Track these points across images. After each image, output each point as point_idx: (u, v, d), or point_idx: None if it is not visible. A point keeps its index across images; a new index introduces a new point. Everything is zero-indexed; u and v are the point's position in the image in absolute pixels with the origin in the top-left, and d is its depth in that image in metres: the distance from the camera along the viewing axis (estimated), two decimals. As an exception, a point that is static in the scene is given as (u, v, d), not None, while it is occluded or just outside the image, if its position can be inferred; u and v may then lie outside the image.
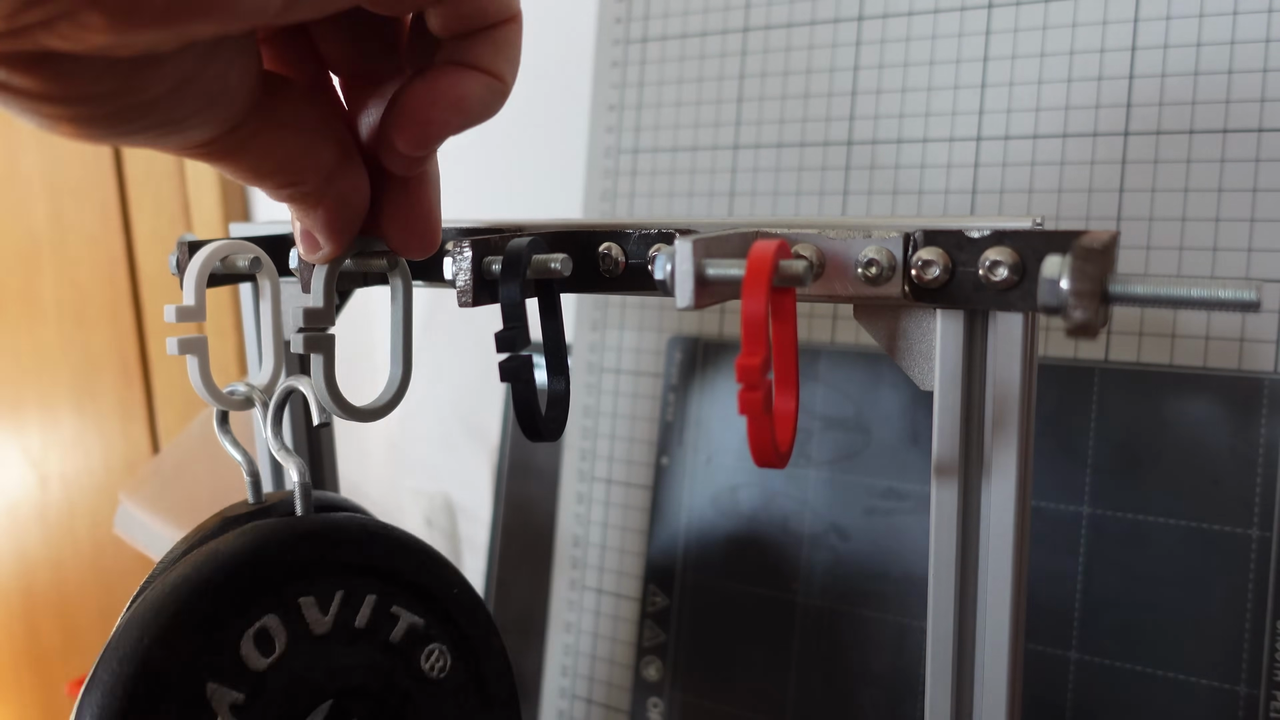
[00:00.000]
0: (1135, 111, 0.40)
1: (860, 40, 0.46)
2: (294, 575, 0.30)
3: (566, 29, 0.62)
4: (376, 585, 0.32)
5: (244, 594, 0.29)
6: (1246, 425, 0.38)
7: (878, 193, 0.45)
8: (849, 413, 0.46)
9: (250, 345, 0.42)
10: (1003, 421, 0.27)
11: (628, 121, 0.52)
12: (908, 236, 0.26)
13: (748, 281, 0.23)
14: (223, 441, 0.35)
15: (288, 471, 0.32)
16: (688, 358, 0.51)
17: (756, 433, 0.24)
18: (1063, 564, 0.41)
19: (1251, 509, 0.37)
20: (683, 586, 0.50)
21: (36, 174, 1.00)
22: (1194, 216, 0.39)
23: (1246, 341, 0.38)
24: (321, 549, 0.31)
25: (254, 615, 0.29)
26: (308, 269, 0.31)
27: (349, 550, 0.31)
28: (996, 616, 0.28)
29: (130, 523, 0.64)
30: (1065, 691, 0.40)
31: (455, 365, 0.71)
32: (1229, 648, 0.38)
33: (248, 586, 0.29)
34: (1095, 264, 0.22)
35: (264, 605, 0.29)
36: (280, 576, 0.30)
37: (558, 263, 0.30)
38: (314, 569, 0.30)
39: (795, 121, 0.47)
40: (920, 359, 0.28)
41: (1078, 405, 0.41)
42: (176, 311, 0.31)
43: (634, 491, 0.52)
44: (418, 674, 0.32)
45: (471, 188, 0.69)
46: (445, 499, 0.74)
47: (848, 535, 0.45)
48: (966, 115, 0.43)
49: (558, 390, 0.32)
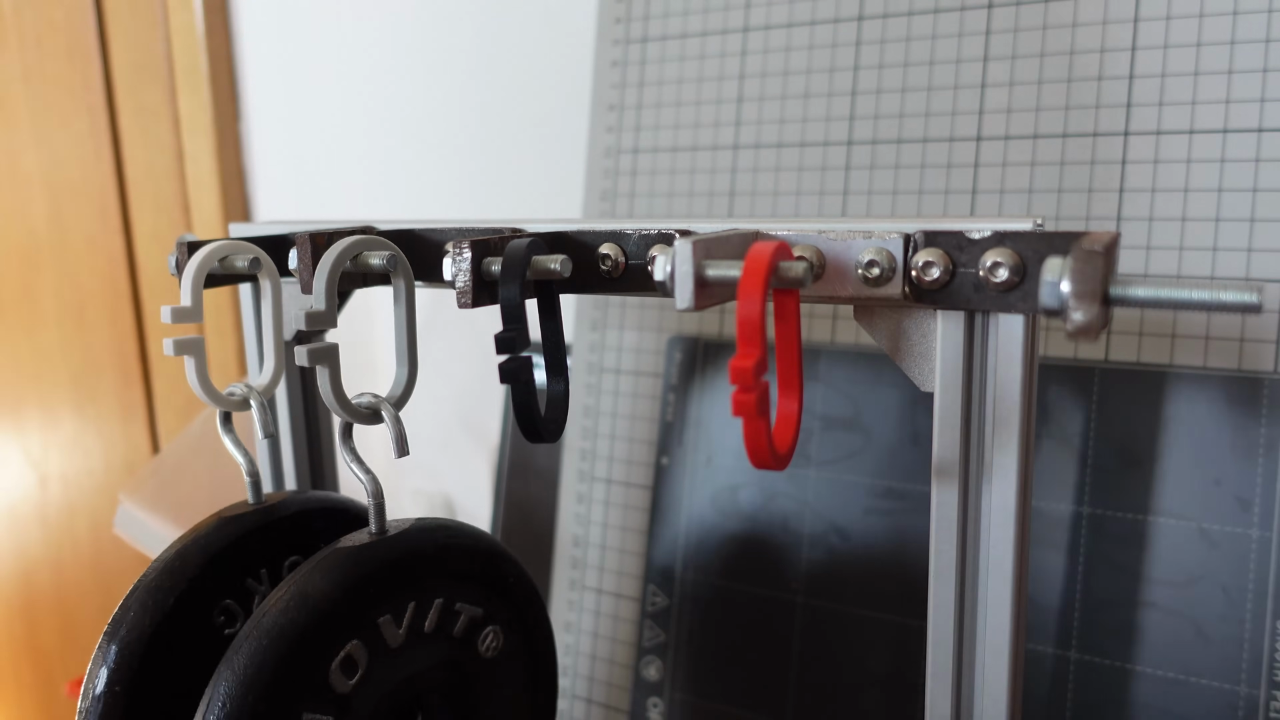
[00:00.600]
0: (1135, 111, 0.40)
1: (860, 40, 0.46)
2: (379, 603, 0.31)
3: (566, 29, 0.62)
4: (445, 590, 0.33)
5: (335, 634, 0.30)
6: (1246, 425, 0.38)
7: (878, 193, 0.45)
8: (849, 413, 0.46)
9: (250, 346, 0.42)
10: (1003, 423, 0.27)
11: (628, 121, 0.52)
12: (908, 238, 0.26)
13: (744, 283, 0.23)
14: (225, 441, 0.35)
15: (365, 487, 0.32)
16: (688, 358, 0.51)
17: (752, 435, 0.24)
18: (1063, 564, 0.41)
19: (1251, 509, 0.37)
20: (683, 586, 0.50)
21: (36, 174, 0.99)
22: (1194, 216, 0.39)
23: (1246, 341, 0.38)
24: (401, 573, 0.31)
25: (341, 644, 0.30)
26: (307, 270, 0.31)
27: (426, 567, 0.32)
28: (996, 616, 0.28)
29: (130, 523, 0.64)
30: (1065, 691, 0.40)
31: (455, 365, 0.71)
32: (1229, 648, 0.38)
33: (339, 627, 0.30)
34: (1096, 266, 0.22)
35: (349, 634, 0.30)
36: (366, 606, 0.30)
37: (557, 264, 0.30)
38: (396, 593, 0.31)
39: (795, 121, 0.47)
40: (920, 360, 0.28)
41: (1078, 405, 0.41)
42: (173, 312, 0.31)
43: (634, 491, 0.52)
44: (475, 655, 0.34)
45: (472, 188, 0.69)
46: (445, 499, 0.74)
47: (848, 535, 0.45)
48: (966, 115, 0.43)
49: (557, 391, 0.32)
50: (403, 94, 0.71)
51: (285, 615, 0.29)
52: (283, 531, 0.35)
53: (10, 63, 0.98)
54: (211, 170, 0.84)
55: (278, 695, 0.28)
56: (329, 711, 0.29)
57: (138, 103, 0.90)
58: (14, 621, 1.16)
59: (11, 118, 0.99)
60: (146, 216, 0.93)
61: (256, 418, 0.35)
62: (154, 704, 0.32)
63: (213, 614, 0.33)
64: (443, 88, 0.69)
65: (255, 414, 0.35)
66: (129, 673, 0.31)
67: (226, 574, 0.34)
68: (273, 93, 0.81)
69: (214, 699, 0.28)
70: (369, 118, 0.74)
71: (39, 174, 0.99)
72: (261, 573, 0.35)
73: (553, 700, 0.37)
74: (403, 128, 0.72)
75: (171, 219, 0.90)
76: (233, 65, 0.82)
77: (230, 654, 0.28)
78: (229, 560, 0.34)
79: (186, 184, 0.87)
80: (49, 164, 0.98)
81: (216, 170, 0.83)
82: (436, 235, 0.35)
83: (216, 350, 0.88)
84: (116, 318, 0.98)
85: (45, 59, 0.96)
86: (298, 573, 0.30)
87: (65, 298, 1.01)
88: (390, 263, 0.32)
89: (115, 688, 0.31)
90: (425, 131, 0.71)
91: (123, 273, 0.96)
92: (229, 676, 0.28)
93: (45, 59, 0.96)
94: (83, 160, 0.95)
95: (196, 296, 0.32)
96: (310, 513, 0.36)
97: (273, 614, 0.29)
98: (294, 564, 0.36)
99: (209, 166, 0.84)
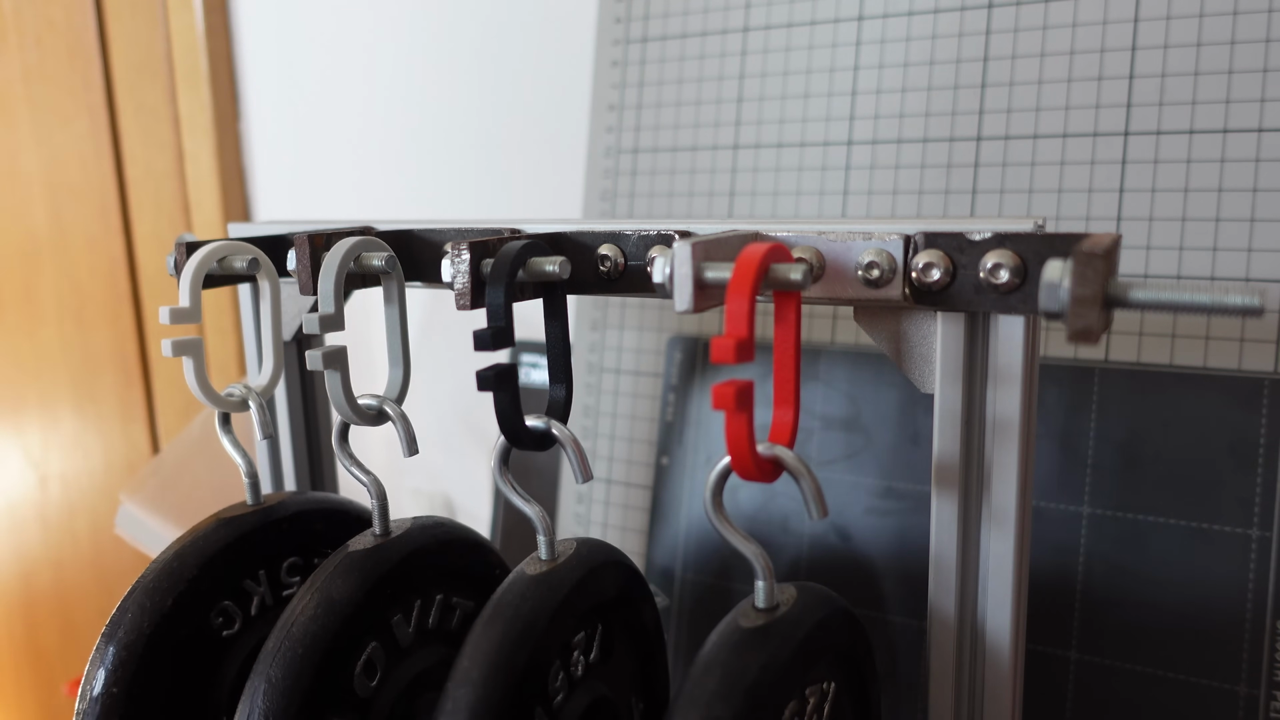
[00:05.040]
0: (1135, 111, 0.40)
1: (860, 40, 0.46)
2: (393, 602, 0.31)
3: (566, 29, 0.62)
4: (444, 586, 0.33)
5: (358, 637, 0.30)
6: (1246, 425, 0.38)
7: (878, 193, 0.45)
8: (849, 413, 0.45)
9: (249, 346, 0.42)
10: (1003, 424, 0.27)
11: (628, 121, 0.52)
12: (908, 239, 0.26)
13: (733, 284, 0.23)
14: (224, 442, 0.35)
15: (368, 489, 0.32)
16: (688, 358, 0.51)
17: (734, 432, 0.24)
18: (1063, 564, 0.41)
19: (1251, 509, 0.37)
20: (683, 586, 0.50)
21: (36, 174, 0.99)
22: (1194, 216, 0.39)
23: (1246, 341, 0.38)
24: (411, 572, 0.31)
25: (363, 647, 0.30)
26: (306, 270, 0.31)
27: (429, 564, 0.32)
28: (996, 616, 0.28)
29: (131, 523, 0.64)
30: (1065, 691, 0.40)
31: (455, 365, 0.71)
32: (1229, 648, 0.38)
33: (362, 629, 0.30)
34: (1097, 270, 0.22)
35: (370, 636, 0.30)
36: (383, 606, 0.31)
37: (555, 265, 0.30)
38: (408, 592, 0.31)
39: (795, 121, 0.47)
40: (921, 362, 0.28)
41: (1078, 405, 0.41)
42: (171, 313, 0.31)
43: (634, 491, 0.52)
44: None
45: (471, 188, 0.69)
46: (445, 499, 0.74)
47: (848, 535, 0.45)
48: (966, 115, 0.43)
49: (558, 396, 0.31)
50: (402, 94, 0.71)
51: (315, 622, 0.29)
52: (282, 533, 0.35)
53: (10, 63, 0.98)
54: (211, 170, 0.84)
55: (313, 704, 0.28)
56: (351, 716, 0.30)
57: (138, 103, 0.90)
58: (14, 621, 1.16)
59: (11, 118, 0.99)
60: (146, 216, 0.93)
61: (255, 419, 0.35)
62: (152, 705, 0.32)
63: (211, 615, 0.33)
64: (443, 87, 0.69)
65: (254, 415, 0.35)
66: (127, 674, 0.31)
67: (225, 576, 0.34)
68: (273, 93, 0.81)
69: (253, 712, 0.28)
70: (369, 118, 0.74)
71: (39, 174, 0.99)
72: (260, 574, 0.35)
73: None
74: (402, 128, 0.72)
75: (171, 219, 0.90)
76: (233, 65, 0.82)
77: (262, 665, 0.28)
78: (227, 562, 0.34)
79: (186, 184, 0.87)
80: (49, 164, 0.98)
81: (216, 170, 0.83)
82: (435, 236, 0.35)
83: (216, 350, 0.88)
84: (116, 318, 0.98)
85: (45, 59, 0.95)
86: (316, 579, 0.30)
87: (65, 298, 1.01)
88: (389, 264, 0.32)
89: (113, 689, 0.31)
90: (425, 131, 0.71)
91: (123, 273, 0.96)
92: (266, 690, 0.28)
93: (45, 59, 0.95)
94: (83, 160, 0.95)
95: (195, 297, 0.32)
96: (309, 514, 0.36)
97: (301, 621, 0.29)
98: (293, 565, 0.36)
99: (209, 166, 0.84)
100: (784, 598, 0.27)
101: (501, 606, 0.28)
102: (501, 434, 0.30)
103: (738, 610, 0.27)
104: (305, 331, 0.30)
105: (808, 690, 0.27)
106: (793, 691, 0.26)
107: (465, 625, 0.33)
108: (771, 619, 0.26)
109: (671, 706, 0.24)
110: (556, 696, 0.29)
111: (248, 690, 0.28)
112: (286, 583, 0.36)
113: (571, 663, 0.29)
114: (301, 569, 0.36)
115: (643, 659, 0.34)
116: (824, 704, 0.28)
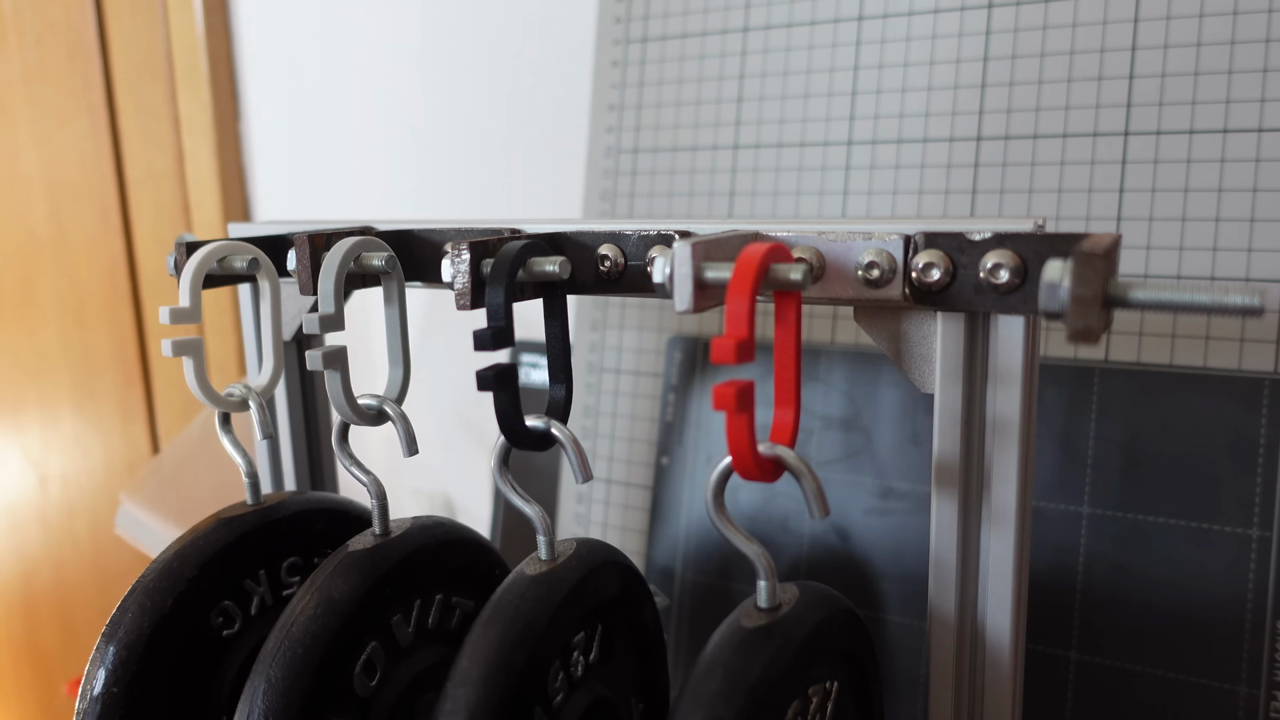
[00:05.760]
0: (1135, 111, 0.40)
1: (860, 40, 0.46)
2: (393, 602, 0.31)
3: (566, 29, 0.62)
4: (443, 586, 0.33)
5: (358, 636, 0.30)
6: (1246, 425, 0.38)
7: (878, 193, 0.45)
8: (849, 413, 0.45)
9: (249, 346, 0.42)
10: (1003, 424, 0.27)
11: (628, 121, 0.52)
12: (908, 239, 0.26)
13: (733, 284, 0.23)
14: (224, 442, 0.35)
15: (368, 489, 0.32)
16: (688, 358, 0.51)
17: (735, 432, 0.24)
18: (1063, 564, 0.41)
19: (1251, 509, 0.37)
20: (683, 586, 0.50)
21: (36, 174, 0.99)
22: (1194, 216, 0.39)
23: (1246, 341, 0.38)
24: (411, 572, 0.31)
25: (363, 647, 0.30)
26: (306, 270, 0.31)
27: (429, 564, 0.32)
28: (996, 616, 0.28)
29: (130, 523, 0.64)
30: (1065, 691, 0.40)
31: (455, 365, 0.71)
32: (1229, 648, 0.38)
33: (362, 629, 0.30)
34: (1097, 270, 0.22)
35: (369, 636, 0.30)
36: (383, 606, 0.31)
37: (556, 265, 0.30)
38: (408, 592, 0.31)
39: (795, 121, 0.47)
40: (921, 362, 0.28)
41: (1078, 405, 0.41)
42: (171, 313, 0.31)
43: (634, 491, 0.52)
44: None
45: (471, 188, 0.69)
46: (445, 499, 0.74)
47: (848, 535, 0.45)
48: (966, 115, 0.43)
49: (558, 396, 0.31)
50: (403, 94, 0.71)
51: (315, 622, 0.29)
52: (281, 533, 0.35)
53: (10, 63, 0.98)
54: (211, 170, 0.84)
55: (314, 703, 0.28)
56: (351, 716, 0.30)
57: (138, 103, 0.90)
58: (14, 621, 1.16)
59: (11, 118, 0.99)
60: (146, 216, 0.93)
61: (255, 419, 0.35)
62: (152, 705, 0.32)
63: (211, 615, 0.33)
64: (443, 87, 0.69)
65: (254, 415, 0.35)
66: (127, 674, 0.31)
67: (224, 575, 0.34)
68: (273, 93, 0.81)
69: (253, 712, 0.28)
70: (369, 118, 0.74)
71: (39, 174, 0.99)
72: (260, 574, 0.35)
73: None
74: (403, 128, 0.72)
75: (171, 219, 0.90)
76: (233, 65, 0.82)
77: (262, 665, 0.28)
78: (227, 562, 0.34)
79: (186, 184, 0.87)
80: (49, 164, 0.98)
81: (216, 170, 0.83)
82: (435, 236, 0.35)
83: (216, 350, 0.88)
84: (116, 318, 0.98)
85: (45, 59, 0.95)
86: (315, 579, 0.30)
87: (65, 298, 1.01)
88: (389, 264, 0.32)
89: (113, 689, 0.31)
90: (425, 131, 0.71)
91: (123, 273, 0.96)
92: (266, 689, 0.28)
93: (45, 59, 0.95)
94: (83, 160, 0.95)
95: (195, 297, 0.32)
96: (309, 514, 0.36)
97: (301, 621, 0.29)
98: (293, 565, 0.36)
99: (209, 166, 0.84)
100: (786, 597, 0.27)
101: (501, 606, 0.28)
102: (501, 434, 0.30)
103: (740, 610, 0.27)
104: (305, 331, 0.30)
105: (810, 689, 0.27)
106: (796, 691, 0.26)
107: (465, 625, 0.33)
108: (774, 619, 0.26)
109: (674, 706, 0.24)
110: (556, 697, 0.29)
111: (248, 690, 0.28)
112: (286, 583, 0.36)
113: (571, 663, 0.29)
114: (301, 569, 0.36)
115: (643, 659, 0.34)
116: (826, 703, 0.28)
